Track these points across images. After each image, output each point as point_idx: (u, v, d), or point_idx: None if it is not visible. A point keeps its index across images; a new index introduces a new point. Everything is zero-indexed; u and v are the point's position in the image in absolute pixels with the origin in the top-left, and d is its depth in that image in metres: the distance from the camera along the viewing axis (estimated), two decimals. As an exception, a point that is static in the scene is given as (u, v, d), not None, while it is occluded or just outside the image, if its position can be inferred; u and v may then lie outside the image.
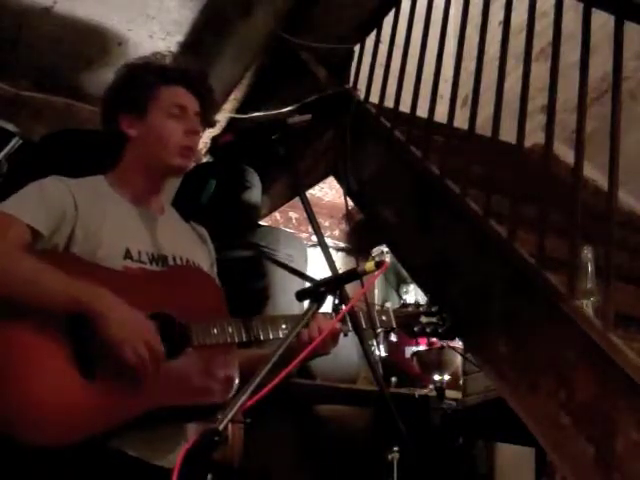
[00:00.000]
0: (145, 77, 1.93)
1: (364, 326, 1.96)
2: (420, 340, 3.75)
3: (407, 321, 2.12)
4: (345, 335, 1.90)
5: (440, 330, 2.15)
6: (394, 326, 2.08)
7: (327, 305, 1.57)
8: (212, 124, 2.13)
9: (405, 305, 2.19)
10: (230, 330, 1.76)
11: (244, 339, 1.78)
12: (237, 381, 1.73)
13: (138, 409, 1.61)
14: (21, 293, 1.60)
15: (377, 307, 2.10)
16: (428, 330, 2.14)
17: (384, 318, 2.07)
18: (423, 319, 2.14)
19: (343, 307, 1.55)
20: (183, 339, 1.71)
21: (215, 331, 1.74)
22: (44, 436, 1.53)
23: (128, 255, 1.78)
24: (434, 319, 2.15)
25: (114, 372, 1.61)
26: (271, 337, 1.81)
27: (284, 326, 1.83)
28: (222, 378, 1.73)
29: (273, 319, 1.86)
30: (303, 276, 3.40)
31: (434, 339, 2.22)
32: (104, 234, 1.77)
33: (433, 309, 2.16)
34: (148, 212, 1.91)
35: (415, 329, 2.13)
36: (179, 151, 1.88)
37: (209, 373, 1.72)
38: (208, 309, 1.80)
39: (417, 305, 2.18)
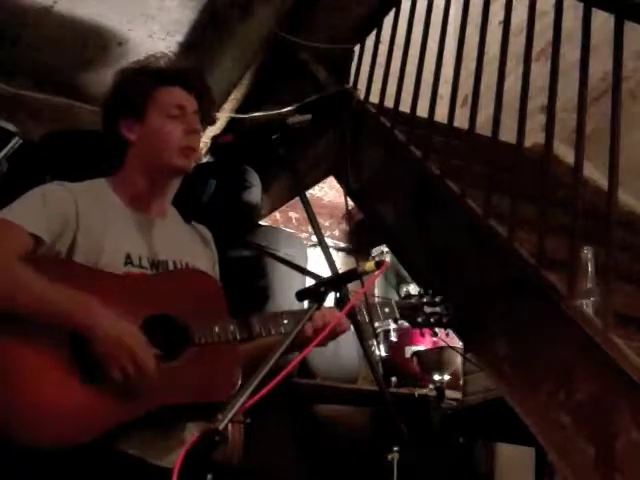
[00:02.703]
0: (142, 80, 1.93)
1: (367, 320, 1.95)
2: (424, 331, 3.74)
3: (410, 312, 2.11)
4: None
5: (444, 320, 2.14)
6: (397, 317, 2.08)
7: (327, 304, 1.57)
8: (211, 122, 2.13)
9: (408, 296, 2.17)
10: (232, 328, 1.77)
11: (246, 337, 1.78)
12: (240, 379, 1.73)
13: (140, 409, 1.61)
14: (15, 304, 1.60)
15: (379, 299, 2.08)
16: (432, 320, 2.12)
17: (387, 310, 2.06)
18: (427, 309, 2.12)
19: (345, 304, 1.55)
20: (184, 338, 1.71)
21: (217, 330, 1.75)
22: (44, 438, 1.53)
23: (129, 261, 1.78)
24: (437, 309, 2.13)
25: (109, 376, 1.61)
26: (273, 333, 1.81)
27: (286, 321, 1.82)
28: (224, 376, 1.73)
29: (274, 315, 1.86)
30: (305, 271, 3.40)
31: (438, 330, 2.19)
32: (106, 241, 1.77)
33: (437, 299, 2.14)
34: (147, 217, 1.90)
35: (419, 320, 2.12)
36: (180, 151, 1.87)
37: (211, 371, 1.72)
38: (210, 310, 1.80)
39: (420, 295, 2.16)
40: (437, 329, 2.17)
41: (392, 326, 3.97)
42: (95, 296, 1.64)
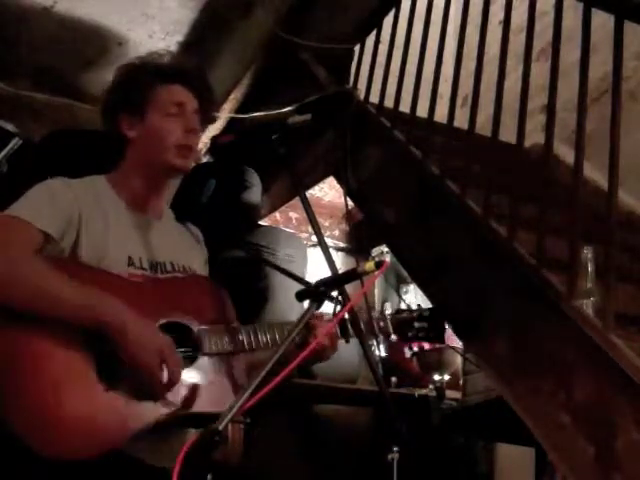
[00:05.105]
0: (142, 77, 1.92)
1: (363, 330, 1.96)
2: (413, 344, 3.76)
3: (401, 327, 2.13)
4: (347, 342, 1.91)
5: (431, 334, 2.17)
6: (391, 333, 2.10)
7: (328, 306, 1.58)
8: (212, 120, 2.12)
9: (399, 311, 2.21)
10: (241, 338, 1.76)
11: (254, 347, 1.78)
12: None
13: (152, 418, 1.61)
14: (37, 303, 1.58)
15: (376, 314, 2.12)
16: (420, 335, 2.16)
17: (382, 324, 2.08)
18: (416, 324, 2.15)
19: (342, 309, 1.55)
20: (195, 347, 1.71)
21: (226, 339, 1.74)
22: (64, 450, 1.51)
23: (131, 262, 1.78)
24: (425, 324, 2.16)
25: (133, 381, 1.60)
26: (278, 343, 1.80)
27: None
28: (231, 384, 1.73)
29: (281, 326, 1.86)
30: (299, 279, 3.39)
31: (426, 344, 2.25)
32: (109, 241, 1.77)
33: (425, 314, 2.17)
34: (145, 217, 1.90)
35: (409, 334, 2.15)
36: (178, 151, 1.87)
37: (218, 382, 1.72)
38: (213, 315, 1.79)
39: (410, 310, 2.20)
40: (424, 343, 2.22)
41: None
42: None
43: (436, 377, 3.76)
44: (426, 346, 3.74)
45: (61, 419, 1.53)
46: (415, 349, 3.81)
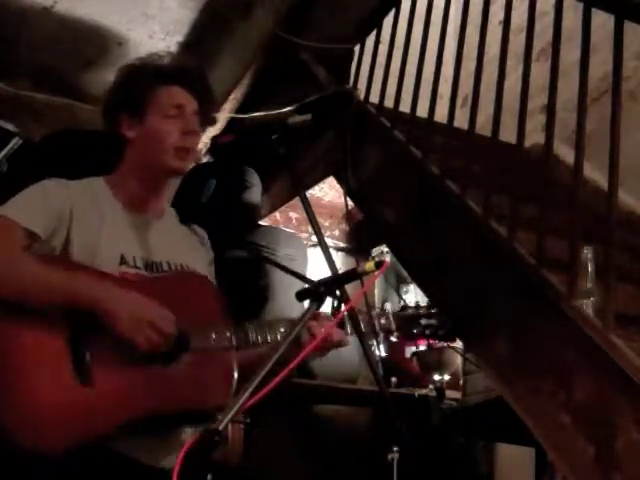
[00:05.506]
0: (142, 79, 1.92)
1: (363, 330, 1.95)
2: (419, 341, 3.75)
3: (406, 324, 2.11)
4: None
5: (440, 332, 2.15)
6: (393, 329, 2.08)
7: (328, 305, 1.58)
8: (212, 122, 2.12)
9: (405, 307, 2.18)
10: (228, 335, 1.76)
11: (242, 344, 1.78)
12: (234, 386, 1.73)
13: (136, 414, 1.61)
14: (24, 293, 1.61)
15: (377, 310, 2.09)
16: (427, 332, 2.13)
17: (383, 321, 2.07)
18: (422, 321, 2.13)
19: (342, 308, 1.55)
20: (182, 343, 1.71)
21: (213, 336, 1.74)
22: (40, 443, 1.53)
23: (124, 261, 1.78)
24: (433, 321, 2.14)
25: (112, 376, 1.61)
26: (269, 341, 1.81)
27: (282, 330, 1.82)
28: (219, 384, 1.73)
29: (271, 323, 1.86)
30: (301, 278, 3.40)
31: (433, 341, 2.21)
32: (101, 241, 1.77)
33: (433, 311, 2.15)
34: (144, 217, 1.90)
35: (414, 331, 2.13)
36: (176, 153, 1.86)
37: (206, 378, 1.72)
38: (206, 313, 1.79)
39: (417, 307, 2.18)
40: (432, 340, 2.18)
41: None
42: None
43: (436, 377, 3.77)
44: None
45: (43, 415, 1.54)
46: (424, 346, 3.80)
